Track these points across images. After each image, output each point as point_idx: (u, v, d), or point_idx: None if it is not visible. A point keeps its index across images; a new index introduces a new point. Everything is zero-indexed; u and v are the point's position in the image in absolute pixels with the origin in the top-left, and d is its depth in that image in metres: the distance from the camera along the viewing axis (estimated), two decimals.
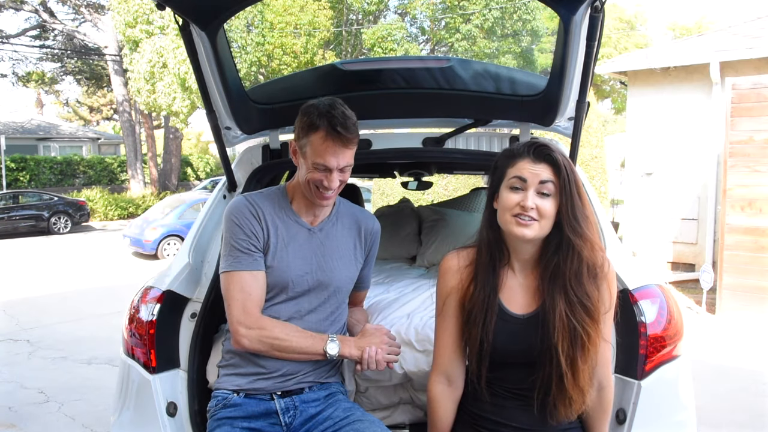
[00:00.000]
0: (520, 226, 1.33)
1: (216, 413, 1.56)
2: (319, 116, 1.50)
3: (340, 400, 1.61)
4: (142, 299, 1.82)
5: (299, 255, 1.62)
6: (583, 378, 1.33)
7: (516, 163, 1.37)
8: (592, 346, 1.33)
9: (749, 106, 5.70)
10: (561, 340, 1.32)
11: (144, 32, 15.00)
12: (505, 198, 1.36)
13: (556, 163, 1.34)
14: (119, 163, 23.58)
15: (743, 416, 3.55)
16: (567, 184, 1.33)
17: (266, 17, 14.39)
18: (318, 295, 1.64)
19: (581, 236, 1.33)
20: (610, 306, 1.39)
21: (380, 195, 12.82)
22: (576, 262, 1.33)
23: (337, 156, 1.52)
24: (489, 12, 16.89)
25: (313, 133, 1.52)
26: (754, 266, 5.70)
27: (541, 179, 1.33)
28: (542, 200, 1.33)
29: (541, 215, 1.32)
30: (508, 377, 1.41)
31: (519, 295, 1.42)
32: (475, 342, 1.38)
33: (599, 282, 1.36)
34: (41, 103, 34.52)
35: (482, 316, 1.38)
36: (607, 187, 11.03)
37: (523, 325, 1.39)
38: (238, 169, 2.32)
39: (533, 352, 1.36)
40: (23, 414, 3.70)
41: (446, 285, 1.47)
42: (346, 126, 1.50)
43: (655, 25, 38.71)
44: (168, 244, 11.00)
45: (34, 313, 6.54)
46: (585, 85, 1.84)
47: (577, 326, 1.32)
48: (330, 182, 1.54)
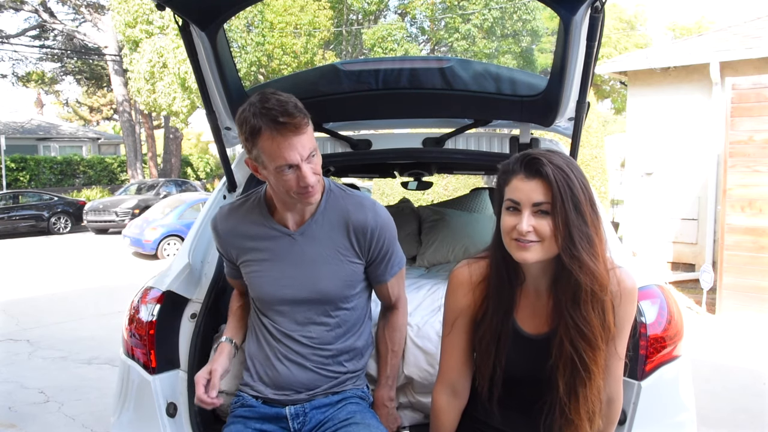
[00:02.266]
0: (520, 251, 1.23)
1: (234, 410, 1.60)
2: (255, 117, 1.35)
3: (350, 404, 1.58)
4: (142, 300, 1.82)
5: (277, 269, 1.55)
6: (585, 406, 1.26)
7: (510, 182, 1.26)
8: (591, 375, 1.24)
9: (749, 106, 5.70)
10: (562, 367, 1.25)
11: (144, 32, 15.02)
12: (503, 221, 1.27)
13: (549, 180, 1.21)
14: (119, 163, 23.58)
15: (743, 416, 3.55)
16: (561, 202, 1.20)
17: (266, 17, 14.40)
18: (310, 307, 1.57)
19: (578, 260, 1.20)
20: (623, 327, 1.30)
21: (380, 195, 12.82)
22: (572, 288, 1.23)
23: (294, 147, 1.36)
24: (489, 12, 16.88)
25: (258, 137, 1.37)
26: (754, 266, 5.69)
27: (533, 201, 1.21)
28: (540, 220, 1.22)
29: (540, 236, 1.22)
30: (517, 394, 1.36)
31: (534, 315, 1.34)
32: (488, 368, 1.33)
33: (606, 306, 1.24)
34: (41, 103, 34.50)
35: (495, 342, 1.31)
36: (607, 187, 11.04)
37: (536, 347, 1.32)
38: (238, 169, 2.32)
39: (543, 374, 1.30)
40: (23, 414, 3.70)
41: (457, 302, 1.39)
42: (287, 112, 1.34)
43: (655, 25, 38.73)
44: (168, 244, 11.00)
45: (34, 313, 6.54)
46: (585, 86, 1.84)
47: (574, 355, 1.24)
48: (304, 178, 1.39)
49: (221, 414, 1.78)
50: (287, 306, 1.56)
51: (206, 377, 1.52)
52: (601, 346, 1.25)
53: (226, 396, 1.73)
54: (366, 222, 1.55)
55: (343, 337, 1.60)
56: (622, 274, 1.30)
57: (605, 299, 1.24)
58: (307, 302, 1.56)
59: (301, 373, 1.57)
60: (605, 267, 1.25)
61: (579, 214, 1.21)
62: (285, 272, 1.55)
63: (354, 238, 1.56)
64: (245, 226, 1.58)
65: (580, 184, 1.23)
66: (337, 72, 2.23)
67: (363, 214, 1.56)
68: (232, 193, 2.26)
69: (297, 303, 1.56)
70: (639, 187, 8.48)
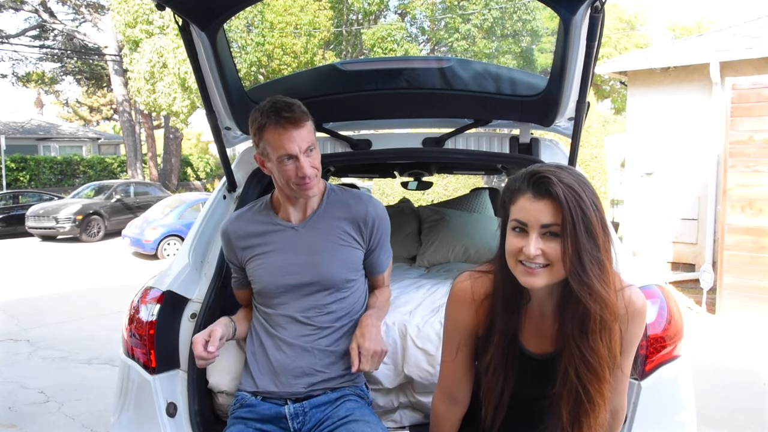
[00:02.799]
0: (527, 276, 1.17)
1: (234, 412, 1.61)
2: (263, 114, 1.54)
3: (348, 401, 1.60)
4: (142, 300, 1.82)
5: (280, 258, 1.64)
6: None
7: (517, 201, 1.18)
8: (594, 410, 1.20)
9: (749, 106, 5.70)
10: (566, 395, 1.21)
11: (144, 32, 15.01)
12: (509, 242, 1.19)
13: (560, 200, 1.13)
14: (119, 163, 23.57)
15: (743, 416, 3.55)
16: (572, 225, 1.12)
17: (266, 17, 14.39)
18: (313, 291, 1.63)
19: (588, 287, 1.14)
20: (630, 347, 1.27)
21: (380, 195, 12.83)
22: (581, 315, 1.17)
23: (294, 139, 1.52)
24: (489, 12, 16.87)
25: (264, 131, 1.54)
26: (754, 266, 5.70)
27: (542, 223, 1.14)
28: (548, 243, 1.15)
29: (549, 260, 1.15)
30: (519, 416, 1.33)
31: (538, 335, 1.29)
32: (494, 393, 1.28)
33: (613, 335, 1.19)
34: (41, 103, 34.50)
35: (503, 367, 1.26)
36: (607, 187, 11.04)
37: (539, 367, 1.28)
38: (238, 169, 2.32)
39: (546, 397, 1.26)
40: (23, 414, 3.70)
41: (458, 317, 1.35)
42: (291, 109, 1.53)
43: (655, 25, 38.72)
44: (168, 244, 11.00)
45: (34, 313, 6.54)
46: (585, 86, 1.84)
47: (579, 387, 1.19)
48: (302, 169, 1.54)
49: (221, 414, 1.78)
50: (290, 293, 1.63)
51: (205, 338, 1.55)
52: (607, 378, 1.20)
53: (226, 396, 1.74)
54: (367, 211, 1.68)
55: (342, 319, 1.65)
56: (632, 294, 1.25)
57: (614, 327, 1.19)
58: (310, 286, 1.63)
59: (300, 359, 1.60)
60: (615, 293, 1.19)
61: (590, 237, 1.14)
62: (288, 260, 1.63)
63: (356, 226, 1.67)
64: (252, 226, 1.69)
65: (592, 204, 1.15)
66: (337, 72, 2.24)
67: (363, 205, 1.69)
68: (231, 193, 2.26)
69: (299, 287, 1.63)
70: (639, 187, 8.48)
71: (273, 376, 1.61)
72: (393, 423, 1.83)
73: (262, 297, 1.68)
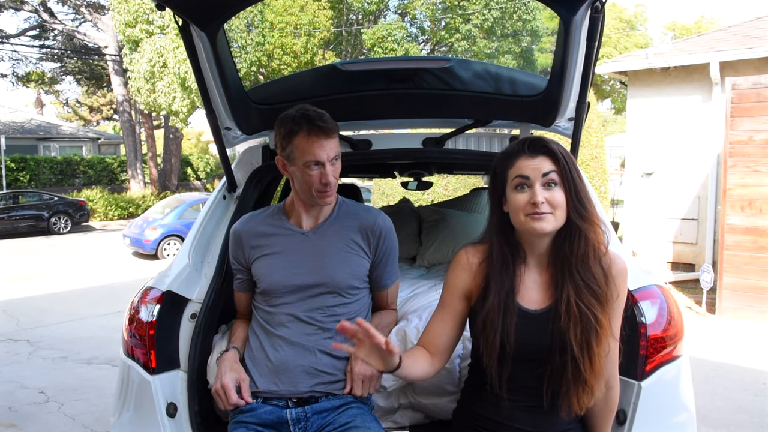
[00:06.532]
0: (536, 221, 1.32)
1: (235, 416, 1.61)
2: (295, 121, 1.57)
3: (351, 408, 1.59)
4: (142, 300, 1.82)
5: (288, 259, 1.67)
6: (598, 363, 1.32)
7: (514, 163, 1.36)
8: (602, 330, 1.32)
9: (749, 106, 5.70)
10: (572, 326, 1.31)
11: (144, 32, 14.99)
12: (514, 199, 1.35)
13: (554, 153, 1.34)
14: (119, 163, 23.57)
15: (743, 416, 3.55)
16: (568, 171, 1.33)
17: (266, 17, 14.37)
18: (318, 293, 1.64)
19: (587, 220, 1.34)
20: (618, 294, 1.37)
21: (380, 195, 12.81)
22: (583, 246, 1.34)
23: (324, 148, 1.57)
24: (489, 12, 16.86)
25: (295, 136, 1.58)
26: (754, 266, 5.70)
27: (543, 172, 1.32)
28: (550, 192, 1.33)
29: (553, 206, 1.32)
30: (518, 375, 1.38)
31: (534, 291, 1.40)
32: (494, 346, 1.35)
33: (604, 264, 1.36)
34: (41, 103, 34.51)
35: (500, 319, 1.35)
36: (607, 188, 11.02)
37: (538, 321, 1.37)
38: (238, 169, 2.32)
39: (547, 346, 1.34)
40: (23, 414, 3.70)
41: (451, 279, 1.47)
42: (324, 119, 1.58)
43: (655, 25, 38.73)
44: (168, 244, 11.01)
45: (34, 313, 6.54)
46: (585, 86, 1.84)
47: (586, 311, 1.31)
48: (326, 176, 1.59)
49: (221, 414, 1.78)
50: (295, 293, 1.65)
51: (236, 385, 1.60)
52: (608, 299, 1.33)
53: None
54: (375, 223, 1.72)
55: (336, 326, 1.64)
56: (613, 256, 1.40)
57: (603, 257, 1.36)
58: (315, 287, 1.65)
59: (301, 357, 1.60)
60: (600, 221, 1.39)
61: (581, 181, 1.35)
62: (295, 262, 1.67)
63: (364, 236, 1.71)
64: (263, 227, 1.73)
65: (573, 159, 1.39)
66: (337, 72, 2.23)
67: (372, 217, 1.73)
68: (231, 193, 2.26)
69: (305, 288, 1.65)
70: (639, 187, 8.49)
71: (273, 375, 1.61)
72: (393, 423, 1.83)
73: (266, 296, 1.68)
